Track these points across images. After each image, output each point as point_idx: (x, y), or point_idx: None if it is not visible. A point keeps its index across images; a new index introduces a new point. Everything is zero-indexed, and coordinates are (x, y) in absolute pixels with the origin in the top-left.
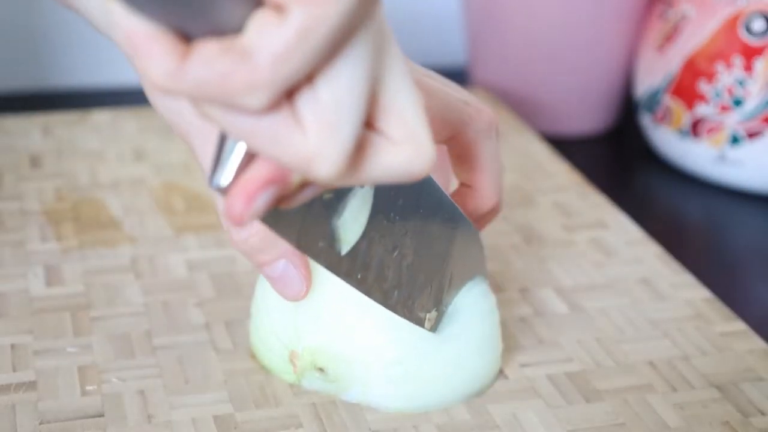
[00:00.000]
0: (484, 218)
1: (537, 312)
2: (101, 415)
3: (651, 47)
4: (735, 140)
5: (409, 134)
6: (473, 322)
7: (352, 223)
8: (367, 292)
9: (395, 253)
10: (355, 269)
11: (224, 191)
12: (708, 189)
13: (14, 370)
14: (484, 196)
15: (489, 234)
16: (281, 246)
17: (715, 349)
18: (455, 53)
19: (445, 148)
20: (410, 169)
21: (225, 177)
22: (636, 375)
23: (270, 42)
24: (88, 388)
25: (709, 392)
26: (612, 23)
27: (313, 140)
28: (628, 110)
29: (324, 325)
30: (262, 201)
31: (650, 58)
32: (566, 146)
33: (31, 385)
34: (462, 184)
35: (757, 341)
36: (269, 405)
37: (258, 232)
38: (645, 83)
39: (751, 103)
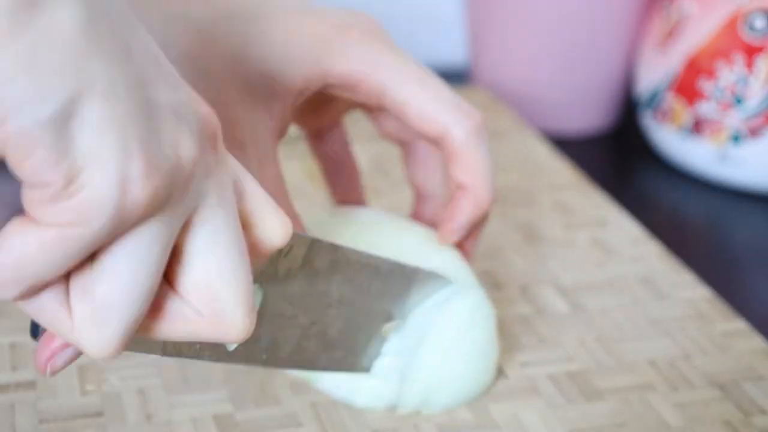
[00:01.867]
0: (479, 222)
1: (537, 311)
2: (101, 415)
3: (652, 45)
4: (736, 139)
5: (215, 305)
6: (466, 330)
7: None
8: (282, 366)
9: (314, 327)
10: (257, 353)
11: (36, 339)
12: (709, 188)
13: (14, 370)
14: (479, 197)
15: (489, 232)
16: None
17: (716, 348)
18: (456, 52)
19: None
20: (217, 338)
21: (33, 328)
22: (637, 374)
23: (14, 245)
24: (88, 387)
25: (710, 391)
26: (613, 21)
27: (78, 329)
28: (629, 109)
29: None
30: (61, 360)
31: (651, 56)
32: (567, 145)
33: (30, 385)
34: (457, 188)
35: (758, 340)
36: (269, 404)
37: None
38: (646, 81)
39: (752, 102)
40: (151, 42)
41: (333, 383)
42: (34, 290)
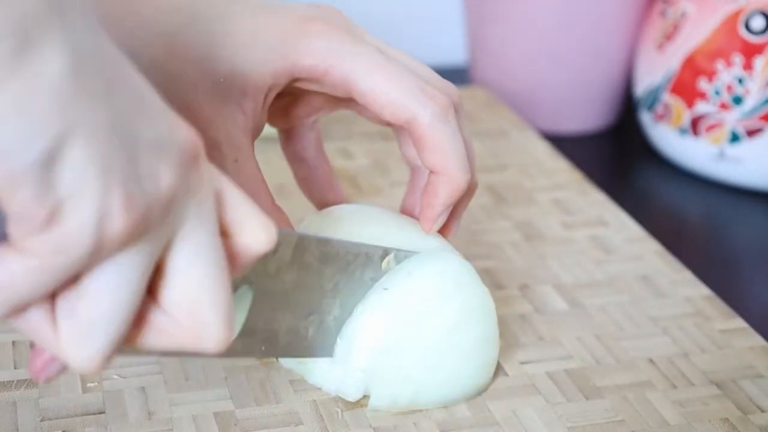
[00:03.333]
0: (461, 201)
1: (537, 309)
2: (102, 412)
3: (651, 45)
4: (734, 138)
5: (195, 318)
6: (467, 325)
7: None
8: (281, 355)
9: (311, 317)
10: (255, 346)
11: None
12: (707, 186)
13: (15, 367)
14: (453, 179)
15: (488, 231)
16: None
17: (715, 346)
18: (456, 52)
19: None
20: (197, 349)
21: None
22: (636, 372)
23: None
24: (89, 384)
25: (708, 389)
26: (612, 21)
27: (64, 345)
28: (628, 108)
29: None
30: (54, 370)
31: (650, 56)
32: (566, 144)
33: (32, 382)
34: (431, 173)
35: (756, 338)
36: (270, 402)
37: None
38: (645, 81)
39: (750, 101)
40: (135, 74)
41: (323, 378)
42: (19, 310)
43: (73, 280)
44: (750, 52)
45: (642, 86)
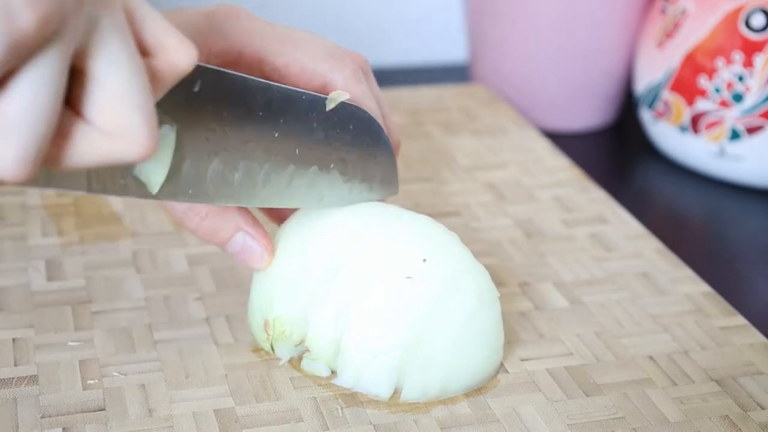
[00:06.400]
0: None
1: (537, 306)
2: (102, 409)
3: (651, 43)
4: (734, 135)
5: (120, 125)
6: (473, 313)
7: (155, 157)
8: (208, 201)
9: (240, 162)
10: (181, 188)
11: None
12: (707, 184)
13: (16, 364)
14: None
15: (489, 228)
16: (233, 221)
17: (715, 343)
18: (456, 50)
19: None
20: (123, 159)
21: None
22: (636, 369)
23: None
24: (90, 382)
25: (708, 386)
26: (612, 19)
27: None
28: (628, 105)
29: (296, 298)
30: None
31: (650, 53)
32: (566, 141)
33: (32, 379)
34: None
35: (756, 335)
36: (270, 399)
37: (208, 215)
38: (645, 79)
39: (750, 99)
40: None
41: (344, 377)
42: None
43: None
44: (750, 49)
45: (642, 84)
